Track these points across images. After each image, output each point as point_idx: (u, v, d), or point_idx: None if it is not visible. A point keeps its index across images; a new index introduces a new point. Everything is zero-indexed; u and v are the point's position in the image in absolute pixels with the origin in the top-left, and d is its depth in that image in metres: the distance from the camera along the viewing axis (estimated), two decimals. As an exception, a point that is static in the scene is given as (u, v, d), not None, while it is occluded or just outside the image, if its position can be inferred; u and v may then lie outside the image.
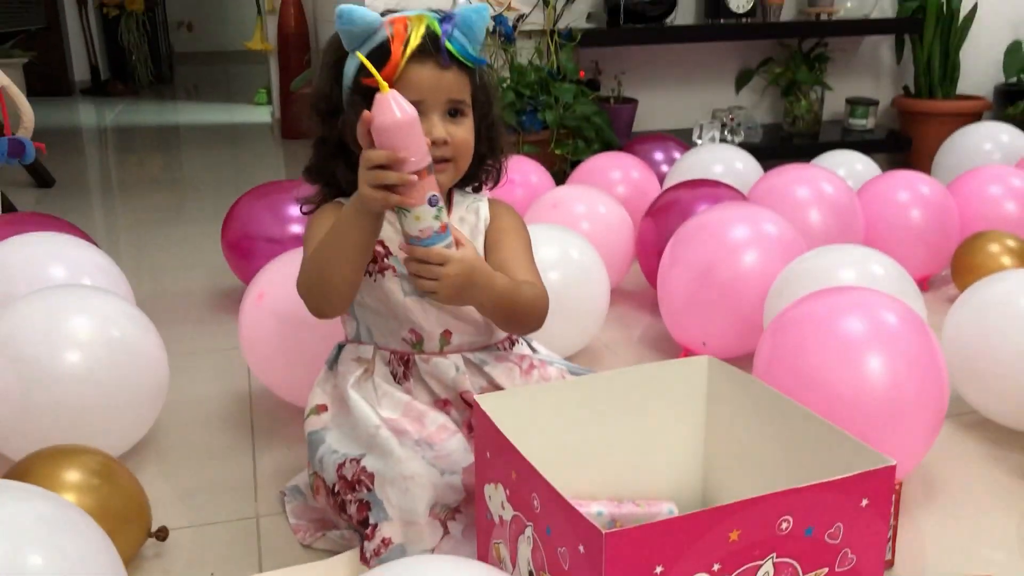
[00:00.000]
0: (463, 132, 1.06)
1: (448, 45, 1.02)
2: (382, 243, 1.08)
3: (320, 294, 1.05)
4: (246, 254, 1.92)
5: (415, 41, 1.00)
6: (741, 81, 3.18)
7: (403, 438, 1.04)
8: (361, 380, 1.11)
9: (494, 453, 0.86)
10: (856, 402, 1.10)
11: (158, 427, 1.39)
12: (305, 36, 4.06)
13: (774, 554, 0.75)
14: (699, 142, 2.87)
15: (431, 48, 1.01)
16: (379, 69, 0.96)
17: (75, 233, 1.73)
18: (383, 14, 1.04)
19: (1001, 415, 1.35)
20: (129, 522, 1.00)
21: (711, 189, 1.91)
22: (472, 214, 1.14)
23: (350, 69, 1.05)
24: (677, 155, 2.46)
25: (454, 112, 1.06)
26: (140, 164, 3.88)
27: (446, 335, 1.11)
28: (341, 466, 1.04)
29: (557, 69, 2.65)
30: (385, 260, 1.09)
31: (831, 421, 1.07)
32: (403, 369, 1.11)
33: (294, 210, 1.92)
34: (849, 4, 3.09)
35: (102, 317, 1.27)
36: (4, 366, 1.20)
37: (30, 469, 0.97)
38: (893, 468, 0.79)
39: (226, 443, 1.39)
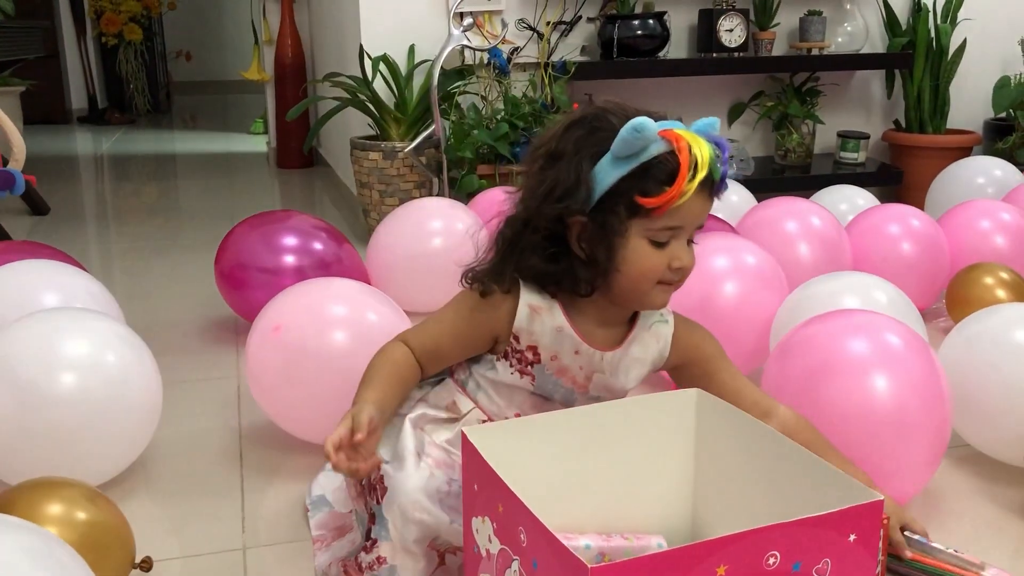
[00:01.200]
0: (694, 255, 1.03)
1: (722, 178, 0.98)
2: (534, 349, 1.04)
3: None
4: (239, 284, 1.92)
5: (703, 171, 0.94)
6: (733, 114, 3.20)
7: (440, 470, 1.02)
8: (444, 422, 1.08)
9: (481, 486, 0.86)
10: (863, 423, 1.13)
11: (147, 455, 1.38)
12: (302, 66, 4.09)
13: (762, 589, 0.75)
14: (692, 174, 2.89)
15: (712, 179, 0.96)
16: (659, 186, 0.93)
17: (67, 261, 1.73)
18: (656, 119, 0.96)
19: (994, 449, 1.35)
20: (112, 554, 0.99)
21: (702, 221, 1.92)
22: (652, 338, 1.09)
23: (608, 174, 0.96)
24: (670, 187, 2.47)
25: (691, 238, 1.02)
26: (135, 192, 3.89)
27: None
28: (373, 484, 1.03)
29: (551, 101, 2.67)
30: (529, 367, 1.06)
31: (839, 442, 1.12)
32: None
33: (288, 240, 1.92)
34: (840, 39, 3.13)
35: (97, 340, 1.28)
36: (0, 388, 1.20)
37: (13, 501, 0.96)
38: (881, 503, 0.78)
39: (214, 473, 1.38)
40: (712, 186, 0.98)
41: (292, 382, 1.34)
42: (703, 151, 0.94)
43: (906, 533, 1.11)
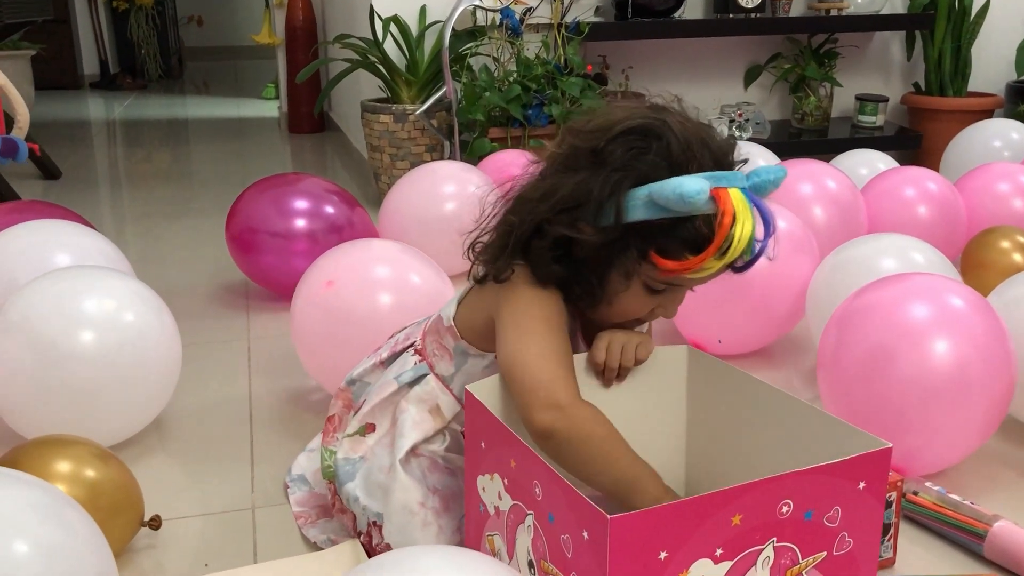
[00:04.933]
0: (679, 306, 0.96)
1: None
2: None
3: (574, 467, 0.85)
4: (249, 247, 1.91)
5: (735, 254, 0.84)
6: (749, 77, 3.16)
7: (447, 515, 0.98)
8: (430, 437, 1.01)
9: (489, 443, 0.85)
10: (925, 387, 1.13)
11: (161, 416, 1.39)
12: (313, 30, 4.05)
13: (775, 538, 0.75)
14: (706, 138, 2.85)
15: (745, 256, 0.87)
16: (682, 251, 0.85)
17: (79, 221, 1.73)
18: (722, 160, 0.87)
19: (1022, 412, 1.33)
20: (121, 512, 1.00)
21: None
22: None
23: (640, 208, 0.85)
24: (684, 150, 2.44)
25: None
26: (148, 158, 3.88)
27: None
28: (370, 526, 1.00)
29: (564, 63, 2.64)
30: None
31: (900, 408, 1.12)
32: None
33: (298, 203, 1.90)
34: (859, 0, 3.07)
35: (116, 298, 1.28)
36: (19, 346, 1.21)
37: (23, 458, 0.96)
38: (889, 450, 0.79)
39: (225, 435, 1.38)
40: (743, 267, 0.89)
41: (338, 340, 1.32)
42: (743, 232, 0.83)
43: (927, 483, 1.11)
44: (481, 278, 0.96)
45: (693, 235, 0.85)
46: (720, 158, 0.89)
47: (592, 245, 0.88)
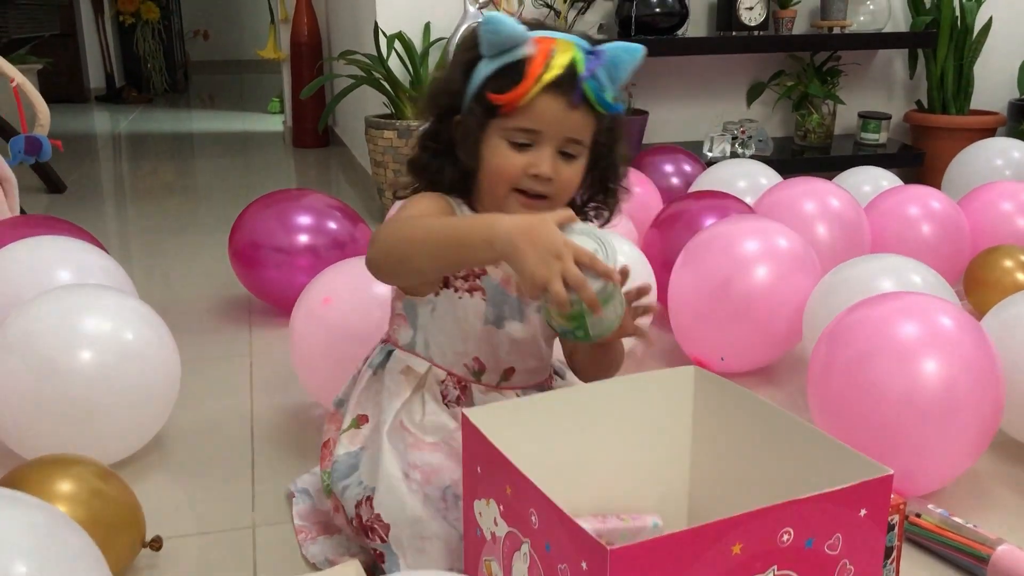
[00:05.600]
0: (569, 173, 1.01)
1: (585, 87, 0.96)
2: None
3: (396, 266, 0.97)
4: (252, 263, 1.92)
5: (552, 72, 0.95)
6: (752, 94, 3.17)
7: (431, 485, 1.00)
8: (408, 400, 1.06)
9: (485, 468, 0.85)
10: (912, 405, 1.13)
11: (161, 433, 1.39)
12: (318, 45, 4.07)
13: (775, 567, 0.74)
14: (710, 154, 2.86)
15: (566, 83, 0.96)
16: (511, 85, 0.95)
17: (83, 237, 1.73)
18: (533, 27, 0.99)
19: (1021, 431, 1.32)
20: (121, 532, 1.00)
21: (718, 201, 1.90)
22: None
23: (480, 74, 0.99)
24: (688, 167, 2.45)
25: (567, 152, 1.00)
26: (152, 171, 3.89)
27: (508, 371, 1.09)
28: (359, 504, 1.02)
29: (567, 80, 2.64)
30: (477, 280, 1.04)
31: (888, 426, 1.13)
32: (458, 393, 1.07)
33: (301, 219, 1.91)
34: (862, 18, 3.08)
35: (116, 317, 1.28)
36: (17, 364, 1.22)
37: (24, 478, 0.96)
38: (890, 477, 0.78)
39: (226, 452, 1.38)
40: (571, 93, 0.96)
41: (337, 357, 1.32)
42: (562, 56, 0.95)
43: (929, 506, 1.11)
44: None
45: (519, 70, 0.96)
46: (545, 28, 1.01)
47: (460, 128, 1.00)
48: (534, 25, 1.00)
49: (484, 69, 0.98)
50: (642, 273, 1.65)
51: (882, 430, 1.15)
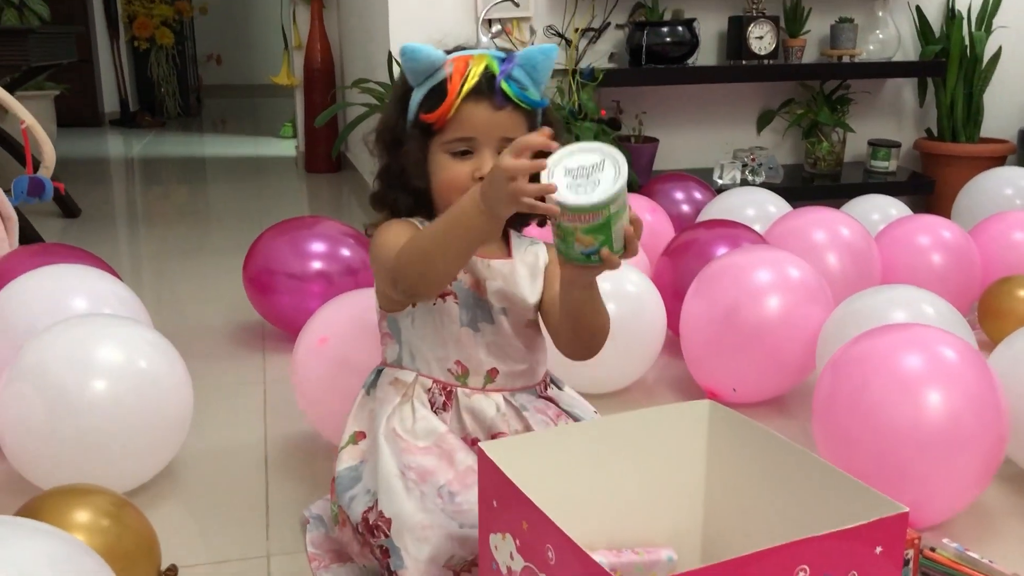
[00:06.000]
0: None
1: (504, 86, 1.04)
2: None
3: (425, 275, 1.02)
4: (266, 289, 1.93)
5: (471, 81, 1.03)
6: (762, 122, 3.18)
7: (426, 483, 1.04)
8: (399, 406, 1.11)
9: (502, 502, 0.85)
10: (915, 437, 1.14)
11: (175, 461, 1.39)
12: (331, 72, 4.11)
13: (790, 606, 0.74)
14: (720, 182, 2.87)
15: (486, 88, 1.04)
16: (439, 103, 1.03)
17: (97, 264, 1.75)
18: (451, 51, 1.08)
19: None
20: (138, 561, 1.00)
21: (729, 230, 1.90)
22: (531, 256, 1.15)
23: (413, 103, 1.08)
24: (698, 195, 2.46)
25: None
26: (165, 195, 3.93)
27: (492, 372, 1.12)
28: (368, 511, 1.05)
29: (578, 108, 2.67)
30: (448, 286, 1.09)
31: (890, 456, 1.13)
32: (443, 399, 1.11)
33: (315, 246, 1.93)
34: (871, 47, 3.09)
35: (129, 346, 1.29)
36: (31, 394, 1.23)
37: (41, 508, 0.97)
38: (906, 515, 0.78)
39: (240, 479, 1.39)
40: (492, 96, 1.04)
41: (338, 393, 1.33)
42: (477, 66, 1.04)
43: (944, 540, 1.11)
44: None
45: (442, 88, 1.04)
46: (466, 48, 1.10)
47: (407, 155, 1.08)
48: (453, 49, 1.09)
49: (415, 97, 1.08)
50: (650, 302, 1.66)
51: (885, 460, 1.15)
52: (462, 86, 1.03)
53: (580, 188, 0.88)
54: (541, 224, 1.15)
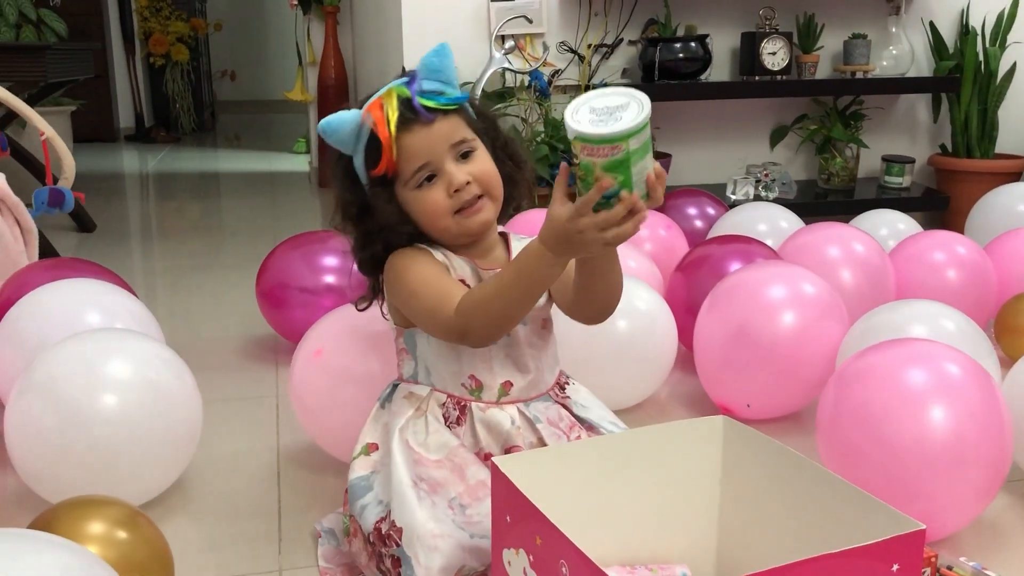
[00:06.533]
0: (480, 164, 1.09)
1: (422, 101, 1.05)
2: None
3: (499, 328, 1.05)
4: (279, 303, 1.94)
5: (393, 116, 1.04)
6: (776, 137, 3.18)
7: (438, 495, 1.05)
8: (412, 418, 1.12)
9: (515, 517, 0.85)
10: (918, 452, 1.12)
11: (186, 475, 1.39)
12: (344, 88, 4.13)
13: (806, 623, 0.74)
14: (733, 197, 2.87)
15: (410, 114, 1.05)
16: (380, 156, 1.05)
17: (111, 278, 1.76)
18: (361, 104, 1.09)
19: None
20: (152, 573, 1.00)
21: (743, 245, 1.90)
22: None
23: (359, 168, 1.09)
24: (711, 210, 2.45)
25: (464, 153, 1.08)
26: (179, 210, 3.95)
27: (506, 385, 1.12)
28: (380, 520, 1.06)
29: (591, 124, 2.67)
30: None
31: (894, 471, 1.12)
32: (458, 414, 1.12)
33: (328, 260, 1.94)
34: (885, 63, 3.09)
35: (139, 360, 1.29)
36: (42, 408, 1.23)
37: (54, 520, 0.97)
38: (923, 532, 0.78)
39: (252, 493, 1.38)
40: (417, 115, 1.05)
41: (334, 405, 1.35)
42: (389, 100, 1.05)
43: (961, 559, 1.10)
44: (371, 288, 1.18)
45: (375, 139, 1.05)
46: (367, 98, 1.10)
47: (379, 215, 1.09)
48: (363, 100, 1.10)
49: (357, 163, 1.09)
50: (661, 318, 1.65)
51: (890, 474, 1.14)
52: (389, 126, 1.04)
53: (602, 124, 0.88)
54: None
